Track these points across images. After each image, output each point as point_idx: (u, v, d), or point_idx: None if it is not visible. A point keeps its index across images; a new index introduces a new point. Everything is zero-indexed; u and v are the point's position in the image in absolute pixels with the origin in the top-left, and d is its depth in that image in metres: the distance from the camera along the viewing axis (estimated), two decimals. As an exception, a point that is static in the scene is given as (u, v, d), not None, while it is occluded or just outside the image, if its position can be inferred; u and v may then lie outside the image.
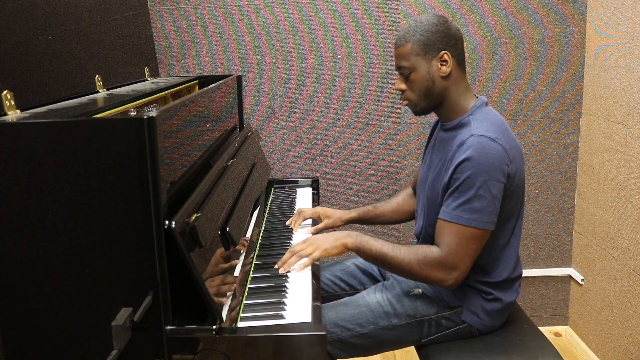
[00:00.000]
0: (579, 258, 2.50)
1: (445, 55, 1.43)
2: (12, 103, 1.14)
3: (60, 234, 1.04)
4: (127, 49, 1.89)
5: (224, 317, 1.14)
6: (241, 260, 1.43)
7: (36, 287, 1.06)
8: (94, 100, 1.37)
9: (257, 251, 1.62)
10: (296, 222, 1.79)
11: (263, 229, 1.82)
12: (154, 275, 1.05)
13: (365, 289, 1.69)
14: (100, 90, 1.56)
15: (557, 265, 2.58)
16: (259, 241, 1.70)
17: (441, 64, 1.44)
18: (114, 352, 0.99)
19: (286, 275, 1.44)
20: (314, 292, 1.35)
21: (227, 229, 1.30)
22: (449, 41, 1.44)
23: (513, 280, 1.51)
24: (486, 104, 1.49)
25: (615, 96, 2.14)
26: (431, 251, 1.39)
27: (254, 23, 2.38)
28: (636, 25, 1.98)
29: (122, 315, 1.01)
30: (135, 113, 1.34)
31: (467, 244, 1.36)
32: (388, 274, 1.71)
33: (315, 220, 1.84)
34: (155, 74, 2.23)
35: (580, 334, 2.52)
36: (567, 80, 2.42)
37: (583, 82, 2.42)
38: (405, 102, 1.52)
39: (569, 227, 2.55)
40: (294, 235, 1.75)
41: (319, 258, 1.48)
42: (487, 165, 1.33)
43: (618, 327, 2.17)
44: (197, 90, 1.97)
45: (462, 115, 1.48)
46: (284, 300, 1.31)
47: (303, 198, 2.14)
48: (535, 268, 2.58)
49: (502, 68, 2.41)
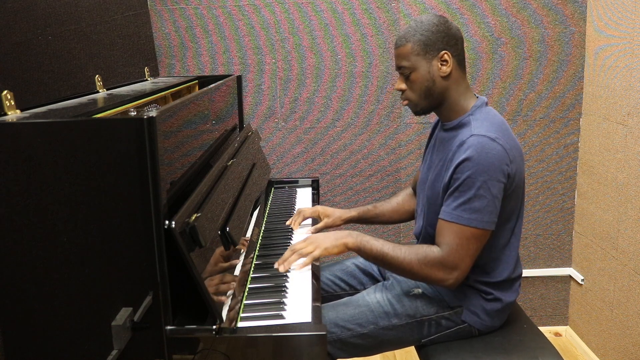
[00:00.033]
0: (579, 258, 2.50)
1: (445, 55, 1.43)
2: (12, 103, 1.14)
3: (60, 234, 1.04)
4: (127, 49, 1.89)
5: (224, 317, 1.14)
6: (241, 260, 1.43)
7: (36, 287, 1.06)
8: (94, 100, 1.37)
9: (257, 251, 1.62)
10: (296, 221, 1.79)
11: (263, 229, 1.82)
12: (154, 275, 1.05)
13: (365, 289, 1.69)
14: (100, 90, 1.56)
15: (557, 265, 2.58)
16: (259, 241, 1.70)
17: (441, 64, 1.44)
18: (114, 352, 0.99)
19: (286, 275, 1.44)
20: (314, 292, 1.35)
21: (227, 229, 1.30)
22: (450, 41, 1.44)
23: (513, 280, 1.51)
24: (486, 104, 1.49)
25: (615, 96, 2.14)
26: (432, 251, 1.39)
27: (254, 23, 2.38)
28: (636, 25, 1.98)
29: (122, 315, 1.01)
30: (135, 113, 1.34)
31: (468, 244, 1.37)
32: (388, 274, 1.71)
33: (315, 219, 1.84)
34: (155, 74, 2.22)
35: (580, 334, 2.52)
36: (567, 80, 2.42)
37: (583, 82, 2.42)
38: (405, 102, 1.52)
39: (569, 227, 2.55)
40: (294, 235, 1.75)
41: (319, 257, 1.48)
42: (487, 165, 1.33)
43: (618, 327, 2.17)
44: (197, 90, 1.97)
45: (462, 115, 1.48)
46: (284, 300, 1.31)
47: (303, 198, 2.13)
48: (535, 268, 2.58)
49: (502, 68, 2.41)
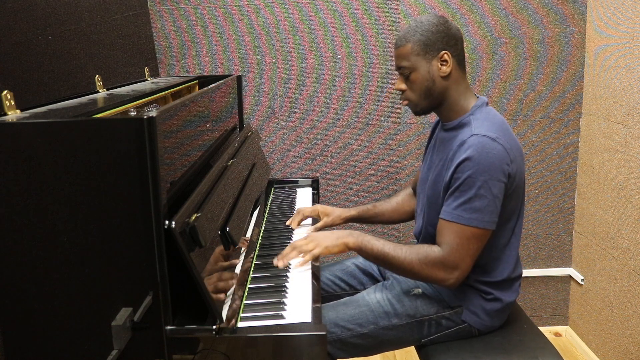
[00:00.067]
0: (579, 258, 2.50)
1: (445, 55, 1.44)
2: (12, 103, 1.14)
3: (60, 234, 1.04)
4: (127, 49, 1.89)
5: (224, 317, 1.14)
6: (241, 260, 1.43)
7: (36, 287, 1.06)
8: (94, 100, 1.37)
9: (257, 251, 1.62)
10: (295, 220, 1.79)
11: (263, 229, 1.82)
12: (154, 275, 1.05)
13: (365, 289, 1.69)
14: (100, 90, 1.56)
15: (557, 265, 2.58)
16: (259, 241, 1.70)
17: (441, 64, 1.44)
18: (114, 352, 0.99)
19: (286, 275, 1.44)
20: (314, 292, 1.35)
21: (227, 229, 1.30)
22: (449, 41, 1.44)
23: (513, 280, 1.51)
24: (486, 104, 1.49)
25: (615, 96, 2.14)
26: (432, 251, 1.39)
27: (254, 23, 2.38)
28: (636, 25, 1.98)
29: (122, 315, 1.01)
30: (135, 113, 1.34)
31: (468, 244, 1.37)
32: (388, 273, 1.71)
33: (314, 218, 1.84)
34: (155, 74, 2.22)
35: (580, 334, 2.52)
36: (567, 80, 2.42)
37: (583, 82, 2.42)
38: (405, 102, 1.52)
39: (569, 227, 2.55)
40: (294, 235, 1.75)
41: (319, 255, 1.48)
42: (488, 165, 1.33)
43: (618, 327, 2.17)
44: (197, 90, 1.97)
45: (462, 115, 1.48)
46: (284, 300, 1.31)
47: (303, 198, 2.13)
48: (535, 268, 2.58)
49: (502, 68, 2.41)
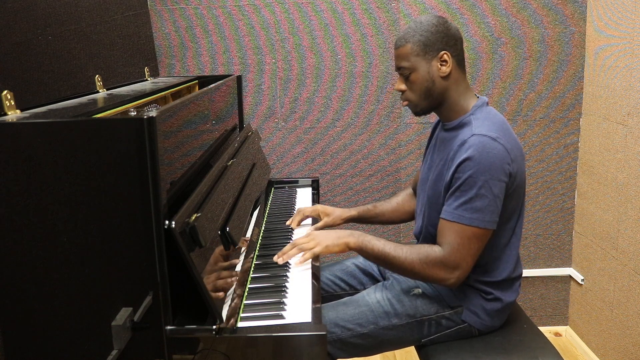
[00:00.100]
0: (579, 258, 2.50)
1: (445, 55, 1.44)
2: (12, 103, 1.14)
3: (60, 234, 1.04)
4: (127, 49, 1.89)
5: (224, 317, 1.14)
6: (241, 260, 1.43)
7: (36, 287, 1.06)
8: (94, 100, 1.37)
9: (257, 251, 1.62)
10: (295, 220, 1.79)
11: (263, 229, 1.82)
12: (154, 275, 1.05)
13: (365, 289, 1.69)
14: (100, 90, 1.56)
15: (557, 265, 2.58)
16: (259, 241, 1.70)
17: (441, 64, 1.44)
18: (114, 352, 0.99)
19: (286, 275, 1.44)
20: (314, 292, 1.35)
21: (227, 229, 1.30)
22: (449, 41, 1.44)
23: (513, 279, 1.51)
24: (487, 103, 1.49)
25: (615, 96, 2.14)
26: (433, 250, 1.39)
27: (254, 23, 2.38)
28: (636, 25, 1.98)
29: (122, 315, 1.01)
30: (135, 113, 1.34)
31: (469, 243, 1.37)
32: (388, 273, 1.71)
33: (314, 218, 1.84)
34: (155, 74, 2.22)
35: (580, 334, 2.52)
36: (567, 80, 2.42)
37: (583, 82, 2.42)
38: (405, 103, 1.52)
39: (569, 227, 2.55)
40: (294, 235, 1.75)
41: (319, 254, 1.48)
42: (488, 165, 1.33)
43: (618, 327, 2.17)
44: (197, 90, 1.97)
45: (462, 115, 1.48)
46: (284, 300, 1.31)
47: (303, 198, 2.13)
48: (535, 268, 2.58)
49: (502, 68, 2.41)
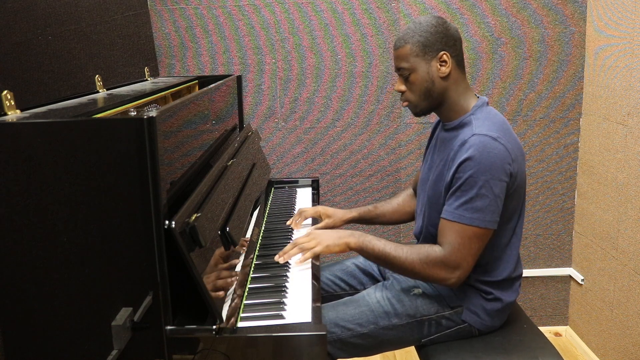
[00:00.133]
0: (579, 258, 2.50)
1: (444, 55, 1.44)
2: (12, 103, 1.14)
3: (60, 234, 1.04)
4: (127, 49, 1.89)
5: (224, 317, 1.14)
6: (241, 261, 1.43)
7: (36, 287, 1.06)
8: (94, 100, 1.37)
9: (257, 251, 1.62)
10: (296, 221, 1.79)
11: (263, 229, 1.82)
12: (154, 275, 1.05)
13: (365, 289, 1.69)
14: (100, 90, 1.56)
15: (557, 265, 2.58)
16: (259, 241, 1.70)
17: (440, 65, 1.44)
18: (114, 352, 0.99)
19: (286, 275, 1.44)
20: (314, 292, 1.35)
21: (227, 229, 1.30)
22: (448, 42, 1.44)
23: (514, 279, 1.51)
24: (487, 103, 1.49)
25: (615, 96, 2.14)
26: (433, 250, 1.39)
27: (254, 23, 2.38)
28: (636, 25, 1.98)
29: (122, 315, 1.01)
30: (135, 113, 1.34)
31: (470, 243, 1.37)
32: (388, 273, 1.71)
33: (315, 219, 1.84)
34: (155, 74, 2.22)
35: (580, 334, 2.52)
36: (567, 80, 2.42)
37: (583, 82, 2.42)
38: (405, 104, 1.52)
39: (569, 227, 2.55)
40: (294, 235, 1.75)
41: (320, 253, 1.48)
42: (489, 165, 1.33)
43: (618, 327, 2.17)
44: (197, 90, 1.97)
45: (463, 115, 1.48)
46: (284, 300, 1.31)
47: (303, 198, 2.13)
48: (535, 268, 2.58)
49: (502, 68, 2.41)
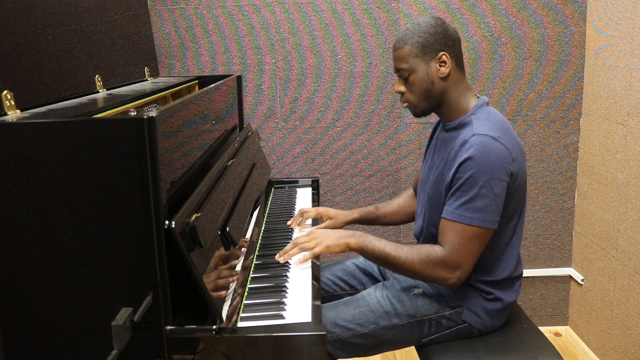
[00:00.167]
0: (579, 258, 2.50)
1: (443, 56, 1.44)
2: (12, 103, 1.14)
3: (60, 234, 1.04)
4: (127, 49, 1.89)
5: (224, 317, 1.14)
6: (241, 261, 1.43)
7: (36, 287, 1.06)
8: (94, 100, 1.37)
9: (257, 251, 1.62)
10: (296, 221, 1.79)
11: (263, 229, 1.82)
12: (154, 275, 1.05)
13: (365, 289, 1.69)
14: (100, 90, 1.56)
15: (557, 265, 2.58)
16: (259, 241, 1.70)
17: (440, 65, 1.44)
18: (114, 352, 0.99)
19: (286, 275, 1.44)
20: (314, 292, 1.35)
21: (227, 229, 1.30)
22: (447, 42, 1.44)
23: (514, 279, 1.51)
24: (487, 103, 1.49)
25: (615, 96, 2.14)
26: (434, 250, 1.39)
27: (254, 23, 2.38)
28: (636, 25, 1.98)
29: (122, 315, 1.01)
30: (135, 113, 1.34)
31: (470, 243, 1.37)
32: (388, 273, 1.71)
33: (315, 219, 1.84)
34: (155, 74, 2.22)
35: (580, 334, 2.52)
36: (567, 80, 2.42)
37: (583, 82, 2.42)
38: (405, 104, 1.52)
39: (569, 227, 2.54)
40: (294, 235, 1.75)
41: (320, 254, 1.48)
42: (489, 165, 1.33)
43: (618, 327, 2.17)
44: (197, 90, 1.97)
45: (463, 115, 1.48)
46: (284, 300, 1.31)
47: (303, 198, 2.13)
48: (535, 268, 2.58)
49: (502, 68, 2.41)
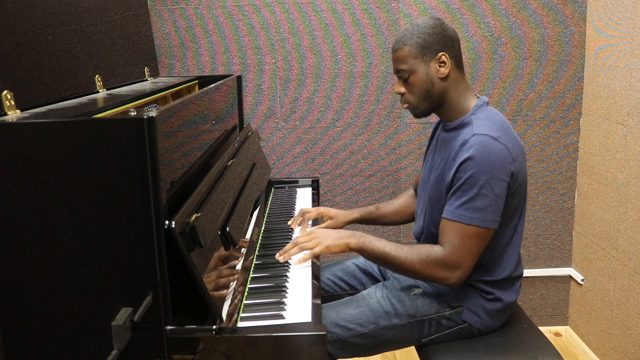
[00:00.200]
0: (579, 258, 2.50)
1: (443, 56, 1.44)
2: (12, 103, 1.14)
3: (60, 234, 1.04)
4: (127, 49, 1.89)
5: (224, 317, 1.14)
6: (241, 261, 1.43)
7: (36, 287, 1.06)
8: (94, 100, 1.37)
9: (257, 251, 1.62)
10: (297, 221, 1.79)
11: (263, 229, 1.82)
12: (154, 275, 1.05)
13: (365, 289, 1.69)
14: (100, 90, 1.56)
15: (557, 265, 2.58)
16: (259, 241, 1.70)
17: (439, 66, 1.44)
18: (114, 352, 0.99)
19: (286, 275, 1.44)
20: (314, 292, 1.35)
21: (227, 229, 1.30)
22: (446, 42, 1.44)
23: (514, 279, 1.51)
24: (487, 103, 1.49)
25: (615, 96, 2.14)
26: (434, 250, 1.39)
27: (254, 23, 2.38)
28: (636, 25, 1.98)
29: (122, 315, 1.01)
30: (135, 113, 1.34)
31: (470, 243, 1.37)
32: (388, 273, 1.71)
33: (315, 219, 1.84)
34: (155, 74, 2.22)
35: (580, 334, 2.52)
36: (567, 80, 2.42)
37: (583, 82, 2.42)
38: (405, 105, 1.52)
39: (569, 227, 2.54)
40: (294, 235, 1.75)
41: (320, 254, 1.48)
42: (490, 164, 1.33)
43: (618, 327, 2.17)
44: (197, 90, 1.97)
45: (463, 115, 1.48)
46: (284, 300, 1.31)
47: (303, 198, 2.13)
48: (535, 268, 2.58)
49: (502, 68, 2.41)
